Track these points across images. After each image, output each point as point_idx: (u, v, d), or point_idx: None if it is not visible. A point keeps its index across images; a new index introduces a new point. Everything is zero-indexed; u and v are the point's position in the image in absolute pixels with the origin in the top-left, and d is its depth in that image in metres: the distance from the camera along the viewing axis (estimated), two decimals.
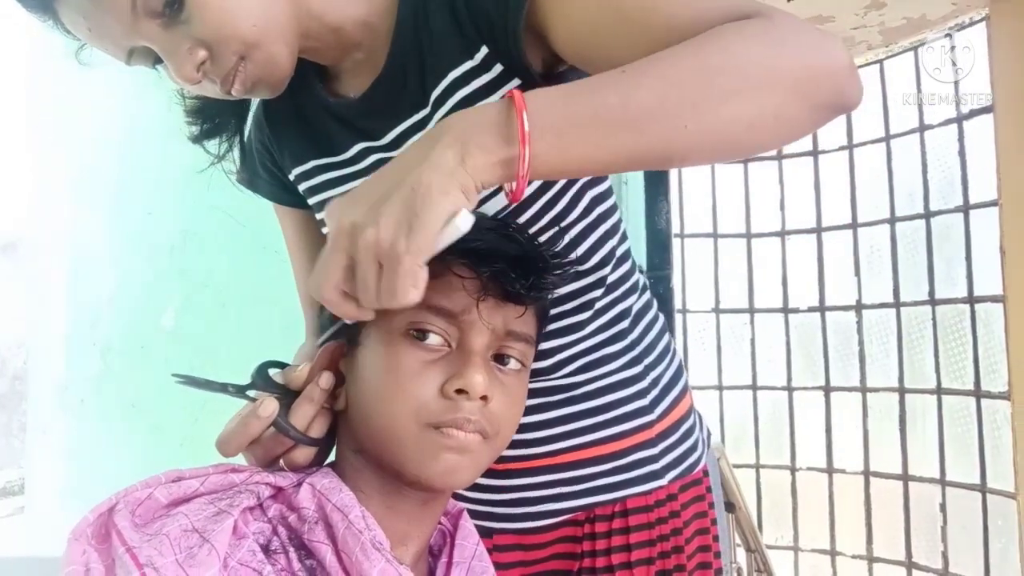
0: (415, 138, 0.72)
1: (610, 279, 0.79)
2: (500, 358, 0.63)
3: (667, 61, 0.55)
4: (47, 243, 1.80)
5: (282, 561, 0.55)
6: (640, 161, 0.57)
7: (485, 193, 0.64)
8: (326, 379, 0.63)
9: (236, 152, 0.87)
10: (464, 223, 0.52)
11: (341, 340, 0.66)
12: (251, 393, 0.64)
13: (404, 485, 0.61)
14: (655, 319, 0.85)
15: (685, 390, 0.85)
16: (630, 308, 0.81)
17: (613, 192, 0.82)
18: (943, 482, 2.87)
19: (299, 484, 0.61)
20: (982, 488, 2.72)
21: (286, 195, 0.89)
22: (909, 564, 2.97)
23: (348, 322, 0.59)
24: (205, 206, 1.66)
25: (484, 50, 0.69)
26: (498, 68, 0.69)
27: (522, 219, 0.71)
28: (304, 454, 0.63)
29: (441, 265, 0.57)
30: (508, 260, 0.60)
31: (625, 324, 0.80)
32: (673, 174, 3.48)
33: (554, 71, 0.71)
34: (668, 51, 0.55)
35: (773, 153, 3.31)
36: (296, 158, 0.83)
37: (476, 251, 0.59)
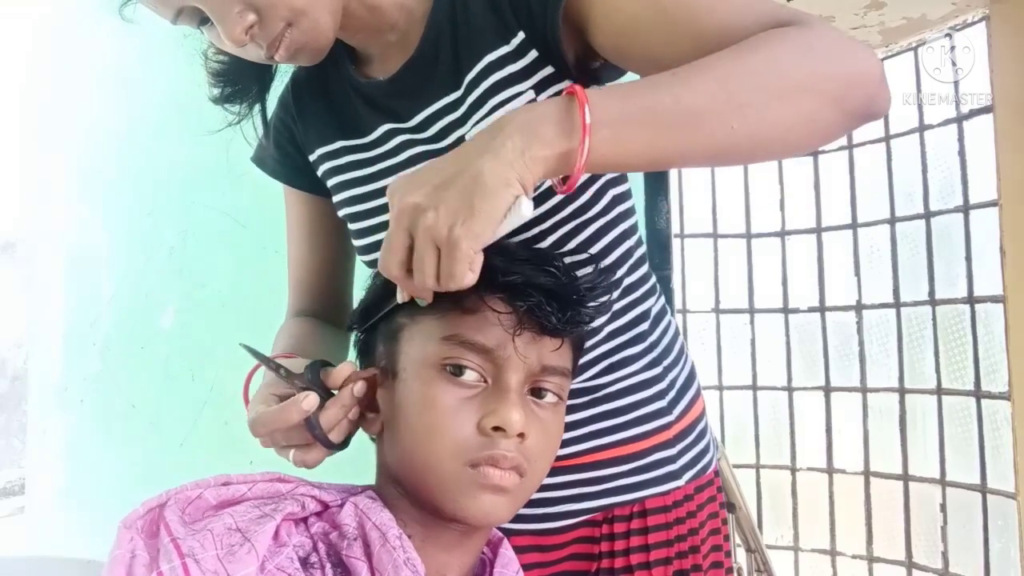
0: (445, 120, 0.74)
1: (626, 281, 0.80)
2: (536, 392, 0.63)
3: (717, 65, 0.57)
4: (46, 243, 1.80)
5: (318, 575, 0.56)
6: (685, 158, 0.59)
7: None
8: (360, 388, 0.64)
9: (259, 122, 0.89)
10: (527, 209, 0.54)
11: (375, 368, 0.66)
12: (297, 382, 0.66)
13: (441, 519, 0.61)
14: (670, 322, 0.87)
15: (699, 392, 0.86)
16: (649, 311, 0.82)
17: (632, 195, 0.82)
18: (943, 482, 2.87)
19: (343, 504, 0.62)
20: (982, 488, 2.72)
21: (295, 176, 0.90)
22: (909, 564, 2.97)
23: (401, 301, 0.60)
24: (205, 206, 1.66)
25: (520, 36, 0.70)
26: (533, 55, 0.70)
27: (544, 208, 0.72)
28: (316, 455, 0.65)
29: (476, 300, 0.59)
30: (544, 293, 0.59)
31: (645, 326, 0.81)
32: (673, 174, 3.48)
33: (587, 65, 0.72)
34: (717, 55, 0.58)
35: None
36: (322, 137, 0.84)
37: (511, 285, 0.59)
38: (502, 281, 0.57)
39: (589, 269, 0.70)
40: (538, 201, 0.71)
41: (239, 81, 0.84)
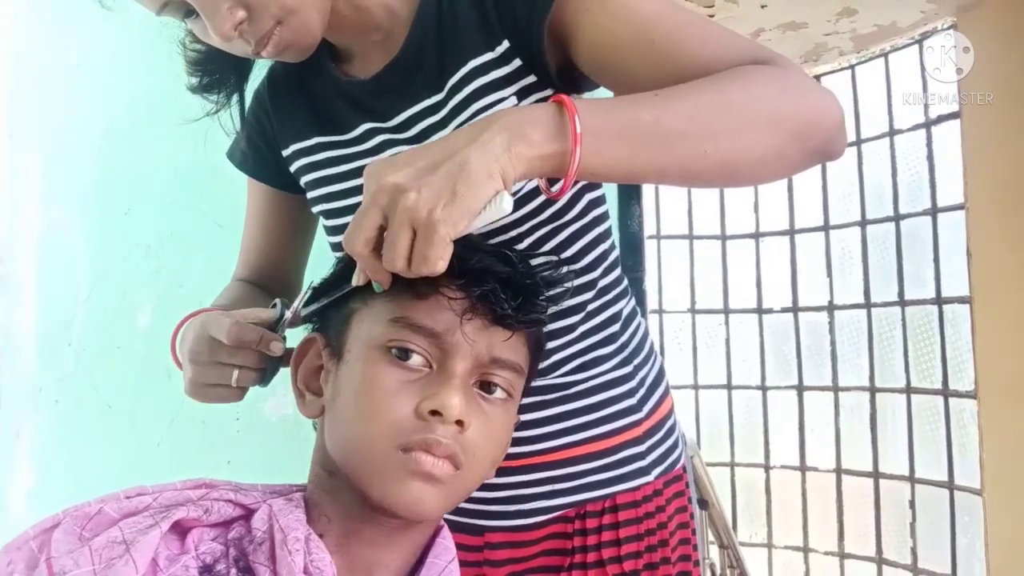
0: (426, 122, 0.75)
1: (601, 283, 0.81)
2: (486, 386, 0.61)
3: (697, 91, 0.60)
4: (21, 242, 1.78)
5: None
6: (660, 176, 0.61)
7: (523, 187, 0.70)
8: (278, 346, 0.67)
9: (237, 113, 0.88)
10: (507, 204, 0.54)
11: (315, 334, 0.66)
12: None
13: (370, 510, 0.58)
14: (640, 323, 0.88)
15: (667, 390, 0.88)
16: (620, 312, 0.83)
17: (607, 200, 0.84)
18: (912, 479, 2.93)
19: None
20: (950, 485, 2.78)
21: (261, 170, 0.91)
22: (880, 560, 3.03)
23: (355, 284, 0.59)
24: (182, 206, 1.66)
25: (505, 44, 0.71)
26: (517, 63, 0.72)
27: (522, 211, 0.73)
28: (253, 380, 0.69)
29: (429, 286, 0.57)
30: (499, 281, 0.58)
31: (616, 328, 0.82)
32: None
33: (569, 74, 0.73)
34: (697, 82, 0.61)
35: None
36: (298, 133, 0.84)
37: (466, 271, 0.58)
38: (458, 268, 0.56)
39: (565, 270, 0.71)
40: (517, 205, 0.71)
41: (217, 71, 0.84)
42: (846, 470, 3.15)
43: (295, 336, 0.70)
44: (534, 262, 0.68)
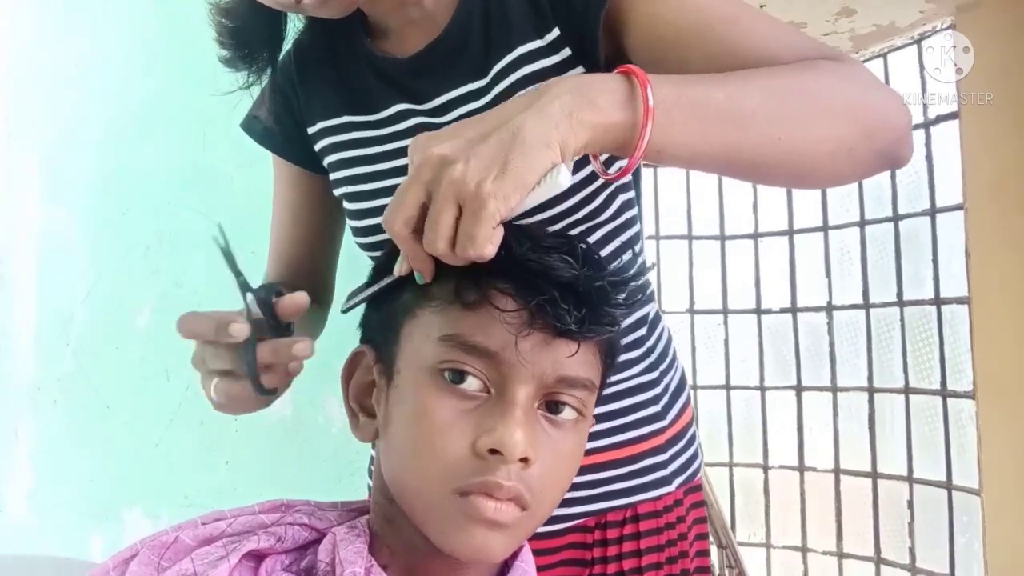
0: (466, 107, 0.72)
1: (631, 286, 0.79)
2: (553, 406, 0.52)
3: (767, 75, 0.58)
4: (20, 242, 1.79)
5: None
6: (726, 161, 0.57)
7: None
8: (302, 348, 0.57)
9: (266, 86, 0.84)
10: (565, 179, 0.48)
11: (364, 347, 0.58)
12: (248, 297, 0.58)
13: (434, 546, 0.52)
14: (664, 327, 0.86)
15: (689, 397, 0.86)
16: (647, 316, 0.81)
17: (636, 203, 0.82)
18: (910, 479, 2.93)
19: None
20: (948, 485, 2.78)
21: (285, 146, 0.86)
22: (878, 560, 3.03)
23: (395, 275, 0.53)
24: (181, 206, 1.66)
25: (555, 32, 0.69)
26: (566, 52, 0.69)
27: (556, 210, 0.69)
28: (242, 390, 0.59)
29: (478, 293, 0.50)
30: (558, 287, 0.49)
31: (643, 331, 0.80)
32: (648, 177, 3.52)
33: (616, 67, 0.72)
34: (768, 68, 0.58)
35: None
36: (327, 110, 0.80)
37: (520, 273, 0.49)
38: (509, 267, 0.48)
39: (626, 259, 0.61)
40: (549, 204, 0.67)
41: (247, 44, 0.79)
42: (844, 470, 3.15)
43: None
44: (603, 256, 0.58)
